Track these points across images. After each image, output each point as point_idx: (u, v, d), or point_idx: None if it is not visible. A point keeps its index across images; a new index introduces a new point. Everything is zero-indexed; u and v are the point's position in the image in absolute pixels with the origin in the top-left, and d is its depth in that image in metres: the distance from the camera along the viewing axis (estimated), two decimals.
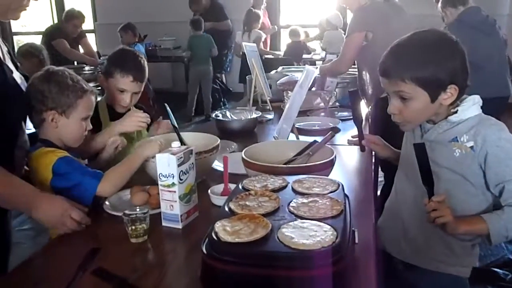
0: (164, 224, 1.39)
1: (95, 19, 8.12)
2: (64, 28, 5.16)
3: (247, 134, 2.38)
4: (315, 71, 2.27)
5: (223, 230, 1.03)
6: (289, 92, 2.70)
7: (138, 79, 1.93)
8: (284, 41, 6.81)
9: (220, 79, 6.90)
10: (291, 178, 1.35)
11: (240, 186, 1.33)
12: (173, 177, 1.33)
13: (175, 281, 1.16)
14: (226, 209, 1.17)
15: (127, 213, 1.30)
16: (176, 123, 1.89)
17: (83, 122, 1.61)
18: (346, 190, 1.30)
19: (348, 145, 2.15)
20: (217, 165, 1.81)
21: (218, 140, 1.77)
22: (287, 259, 0.97)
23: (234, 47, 6.74)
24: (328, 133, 1.74)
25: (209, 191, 1.55)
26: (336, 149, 1.65)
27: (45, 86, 1.55)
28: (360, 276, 1.10)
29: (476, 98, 1.34)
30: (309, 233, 1.01)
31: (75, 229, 1.37)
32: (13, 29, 8.50)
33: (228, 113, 2.54)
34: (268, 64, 4.88)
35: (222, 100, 6.80)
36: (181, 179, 1.34)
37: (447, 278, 1.41)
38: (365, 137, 1.60)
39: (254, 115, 2.50)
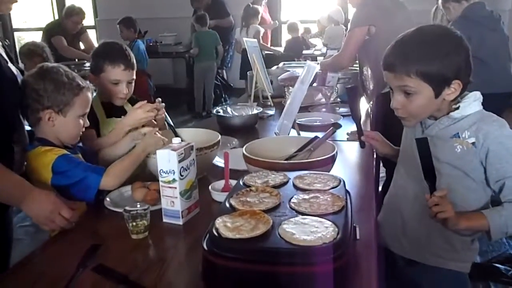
0: (165, 220, 1.39)
1: (95, 15, 8.09)
2: (64, 24, 5.14)
3: (248, 130, 2.38)
4: (316, 67, 2.26)
5: (224, 226, 1.03)
6: (290, 88, 2.69)
7: (129, 66, 1.91)
8: (285, 37, 6.78)
9: (221, 75, 6.87)
10: (292, 174, 1.35)
11: (241, 182, 1.33)
12: (173, 173, 1.33)
13: (176, 277, 1.15)
14: (227, 205, 1.17)
15: (127, 209, 1.30)
16: (173, 121, 1.88)
17: (80, 120, 1.57)
18: (348, 186, 1.30)
19: (347, 140, 2.14)
20: (218, 161, 1.81)
21: (219, 136, 1.76)
22: (288, 255, 0.96)
23: (235, 43, 6.72)
24: (329, 129, 1.73)
25: (210, 187, 1.55)
26: (337, 145, 1.64)
27: (40, 85, 1.51)
28: (361, 272, 1.10)
29: (477, 95, 1.34)
30: (310, 229, 1.01)
31: (63, 227, 1.36)
32: (14, 25, 8.48)
33: (229, 109, 2.54)
34: (269, 60, 4.87)
35: (223, 96, 6.78)
36: (181, 175, 1.34)
37: (447, 274, 1.41)
38: (365, 133, 1.60)
39: (255, 111, 2.49)
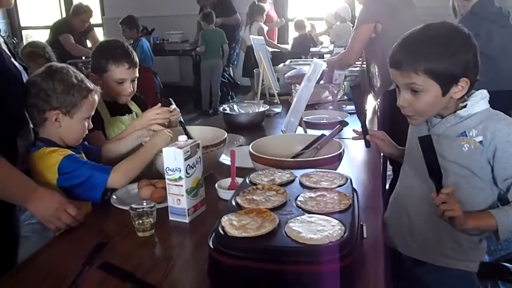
0: (171, 218, 1.38)
1: (103, 13, 8.12)
2: (71, 22, 5.16)
3: (255, 128, 2.37)
4: (323, 64, 2.25)
5: (230, 224, 1.03)
6: (297, 85, 2.68)
7: (132, 64, 1.91)
8: (292, 34, 6.76)
9: (228, 73, 6.87)
10: (298, 172, 1.34)
11: (247, 180, 1.33)
12: (180, 171, 1.32)
13: (182, 275, 1.15)
14: (233, 203, 1.16)
15: (134, 207, 1.30)
16: (182, 118, 1.87)
17: (85, 122, 1.57)
18: (354, 184, 1.29)
19: (353, 139, 2.13)
20: (225, 159, 1.80)
21: (226, 134, 1.76)
22: (294, 254, 0.96)
23: (241, 41, 6.72)
24: (336, 126, 1.72)
25: (216, 185, 1.54)
26: (344, 142, 1.63)
27: (50, 84, 1.50)
28: (368, 272, 1.09)
29: (484, 93, 1.32)
30: (316, 228, 1.00)
31: (69, 224, 1.36)
32: (22, 24, 8.52)
33: (235, 107, 2.53)
34: (276, 58, 4.86)
35: (230, 93, 6.77)
36: (188, 173, 1.33)
37: (455, 274, 1.39)
38: (370, 133, 1.58)
39: (261, 109, 2.48)
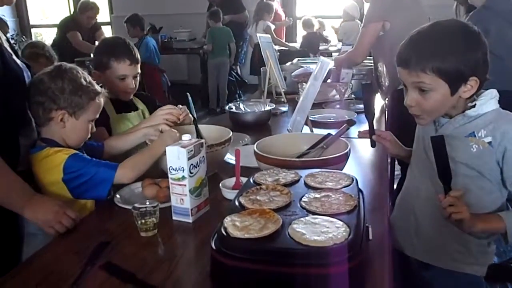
0: (174, 218, 1.37)
1: (111, 11, 8.14)
2: (79, 19, 5.17)
3: (261, 127, 2.36)
4: (330, 63, 2.22)
5: (233, 225, 1.01)
6: (304, 84, 2.66)
7: (134, 61, 1.91)
8: (301, 33, 6.73)
9: (235, 71, 6.85)
10: (303, 172, 1.33)
11: (251, 180, 1.31)
12: (183, 170, 1.31)
13: (184, 276, 1.14)
14: (236, 203, 1.15)
15: (136, 206, 1.29)
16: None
17: (90, 124, 1.57)
18: (361, 184, 1.28)
19: (358, 137, 2.11)
20: (230, 158, 1.79)
21: (230, 133, 1.74)
22: (297, 256, 0.94)
23: (249, 39, 6.70)
24: (343, 125, 1.70)
25: (220, 184, 1.53)
26: (351, 142, 1.61)
27: (58, 84, 1.49)
28: (374, 274, 1.07)
29: (493, 92, 1.29)
30: (321, 229, 0.98)
31: (69, 227, 1.35)
32: (31, 22, 8.57)
33: (241, 105, 2.52)
34: (284, 56, 4.84)
35: (238, 92, 6.76)
36: (191, 173, 1.32)
37: (463, 277, 1.37)
38: (376, 133, 1.56)
39: (268, 108, 2.46)
